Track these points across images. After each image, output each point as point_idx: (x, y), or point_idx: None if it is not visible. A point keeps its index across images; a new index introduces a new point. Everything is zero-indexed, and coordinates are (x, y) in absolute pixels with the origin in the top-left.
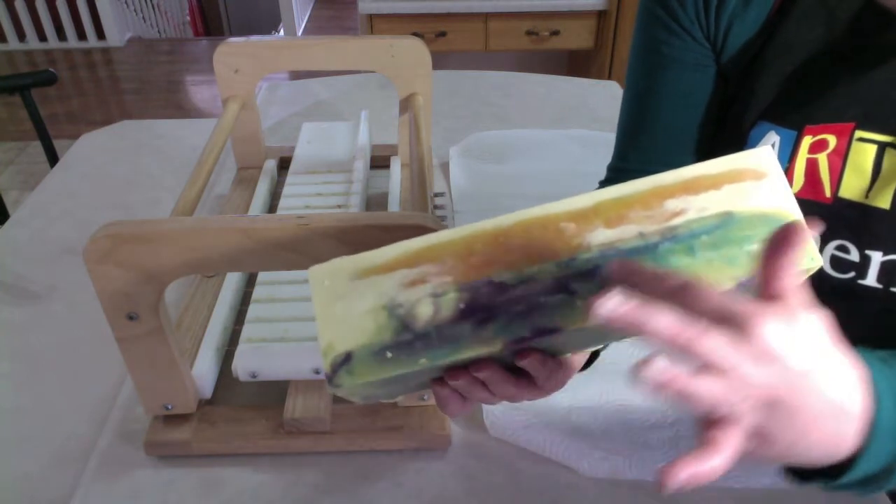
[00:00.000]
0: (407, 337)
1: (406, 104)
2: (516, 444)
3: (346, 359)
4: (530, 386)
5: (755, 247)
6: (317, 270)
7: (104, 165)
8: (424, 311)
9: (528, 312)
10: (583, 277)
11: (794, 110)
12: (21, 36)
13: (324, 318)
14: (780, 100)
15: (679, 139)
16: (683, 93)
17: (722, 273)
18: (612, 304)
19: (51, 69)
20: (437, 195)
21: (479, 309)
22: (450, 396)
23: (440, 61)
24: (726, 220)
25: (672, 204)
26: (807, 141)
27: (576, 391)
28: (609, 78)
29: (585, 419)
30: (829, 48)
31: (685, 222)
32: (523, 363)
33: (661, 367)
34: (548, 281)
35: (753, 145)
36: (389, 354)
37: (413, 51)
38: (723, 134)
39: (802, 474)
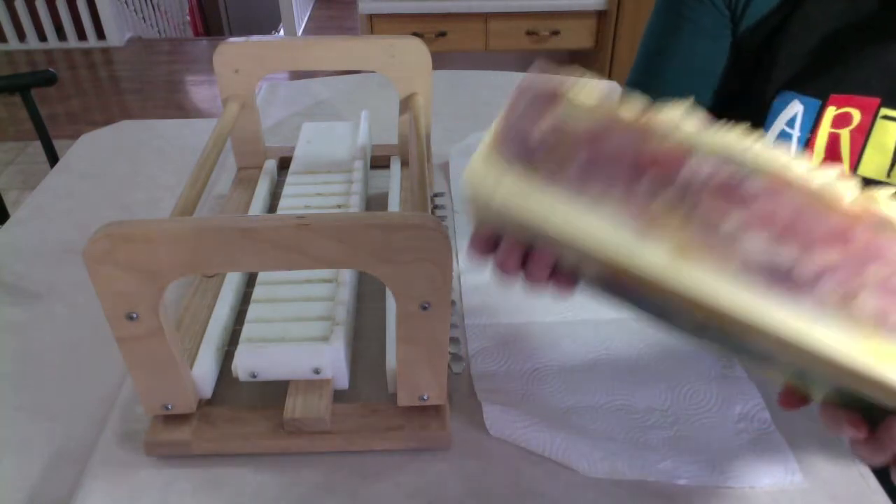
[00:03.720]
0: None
1: (406, 104)
2: (516, 444)
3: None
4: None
5: None
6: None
7: (104, 165)
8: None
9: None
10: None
11: (818, 79)
12: (21, 36)
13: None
14: (804, 70)
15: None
16: (693, 58)
17: None
18: None
19: (51, 69)
20: (436, 195)
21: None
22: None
23: (440, 61)
24: None
25: None
26: (830, 112)
27: (576, 391)
28: (609, 78)
29: (585, 419)
30: (854, 21)
31: None
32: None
33: None
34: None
35: (776, 116)
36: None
37: (413, 51)
38: (740, 105)
39: None
